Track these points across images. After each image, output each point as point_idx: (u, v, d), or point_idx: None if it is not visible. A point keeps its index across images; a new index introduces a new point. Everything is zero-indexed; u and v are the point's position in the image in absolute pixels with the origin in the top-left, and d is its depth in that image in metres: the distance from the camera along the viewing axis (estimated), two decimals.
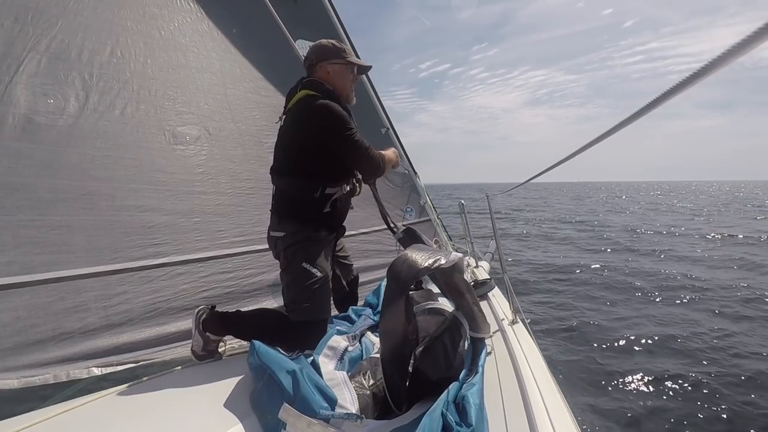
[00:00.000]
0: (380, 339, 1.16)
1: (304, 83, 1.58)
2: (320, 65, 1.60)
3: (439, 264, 1.22)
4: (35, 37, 1.72)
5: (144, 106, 2.00)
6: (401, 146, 3.13)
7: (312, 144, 1.49)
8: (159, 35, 2.13)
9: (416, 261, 1.19)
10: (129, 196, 1.87)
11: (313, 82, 1.57)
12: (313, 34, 2.65)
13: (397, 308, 1.13)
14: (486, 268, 2.65)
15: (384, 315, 1.14)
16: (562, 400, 1.06)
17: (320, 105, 1.48)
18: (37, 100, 1.69)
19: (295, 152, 1.53)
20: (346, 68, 1.62)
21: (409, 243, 1.83)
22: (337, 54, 1.60)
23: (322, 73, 1.60)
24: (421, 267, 1.17)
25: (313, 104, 1.48)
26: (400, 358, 1.11)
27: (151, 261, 1.87)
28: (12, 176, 1.60)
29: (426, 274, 1.24)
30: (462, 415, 0.95)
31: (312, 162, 1.51)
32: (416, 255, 1.22)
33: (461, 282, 1.29)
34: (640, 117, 0.67)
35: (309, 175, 1.52)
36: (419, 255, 1.22)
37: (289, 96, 1.62)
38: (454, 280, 1.27)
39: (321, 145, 1.49)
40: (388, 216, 1.85)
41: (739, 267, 7.21)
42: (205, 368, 1.50)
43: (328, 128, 1.48)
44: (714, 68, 0.47)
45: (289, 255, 1.53)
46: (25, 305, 1.54)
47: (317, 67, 1.61)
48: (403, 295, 1.16)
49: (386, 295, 1.16)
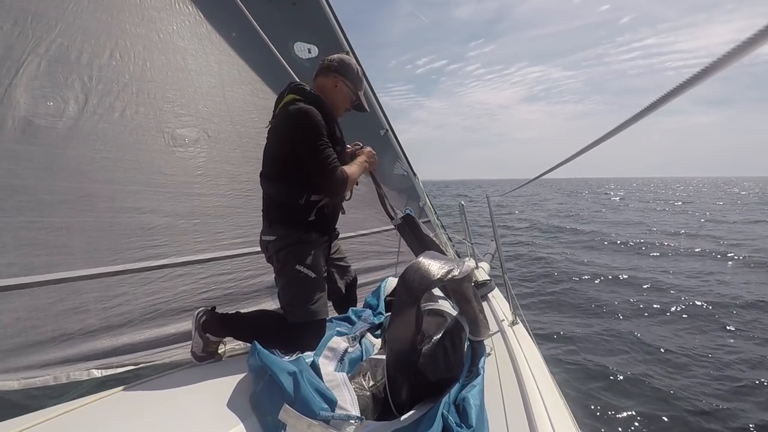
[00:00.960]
0: (387, 344, 1.15)
1: (291, 88, 1.58)
2: (336, 76, 1.62)
3: (453, 276, 1.19)
4: (35, 40, 1.73)
5: (143, 108, 2.01)
6: (400, 147, 3.13)
7: (296, 150, 1.48)
8: (158, 38, 2.14)
9: (429, 272, 1.16)
10: (128, 197, 1.88)
11: (301, 88, 1.56)
12: (311, 36, 2.66)
13: (408, 318, 1.12)
14: (486, 268, 2.65)
15: (393, 322, 1.13)
16: (562, 401, 1.06)
17: (299, 109, 1.47)
18: (37, 102, 1.70)
19: (281, 158, 1.53)
20: (351, 97, 1.67)
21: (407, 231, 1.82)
22: (355, 81, 1.66)
23: (332, 82, 1.62)
24: (434, 279, 1.15)
25: (294, 109, 1.48)
26: (406, 365, 1.11)
27: (151, 262, 1.87)
28: (12, 178, 1.60)
29: (438, 285, 1.23)
30: (462, 417, 0.95)
31: (297, 169, 1.50)
32: (429, 265, 1.19)
33: (469, 290, 1.28)
34: (646, 115, 0.66)
35: (294, 182, 1.52)
36: (433, 265, 1.19)
37: (277, 101, 1.62)
38: (463, 288, 1.26)
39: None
40: (387, 200, 1.83)
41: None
42: (205, 369, 1.50)
43: (302, 134, 1.46)
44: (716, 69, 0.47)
45: (282, 258, 1.54)
46: (25, 306, 1.54)
47: (332, 74, 1.62)
48: (414, 306, 1.14)
49: (397, 303, 1.15)
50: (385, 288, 2.06)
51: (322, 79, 1.63)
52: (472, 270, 1.34)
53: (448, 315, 1.40)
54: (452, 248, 3.14)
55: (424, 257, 1.22)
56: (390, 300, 1.96)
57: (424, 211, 3.24)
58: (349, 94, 1.65)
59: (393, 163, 3.16)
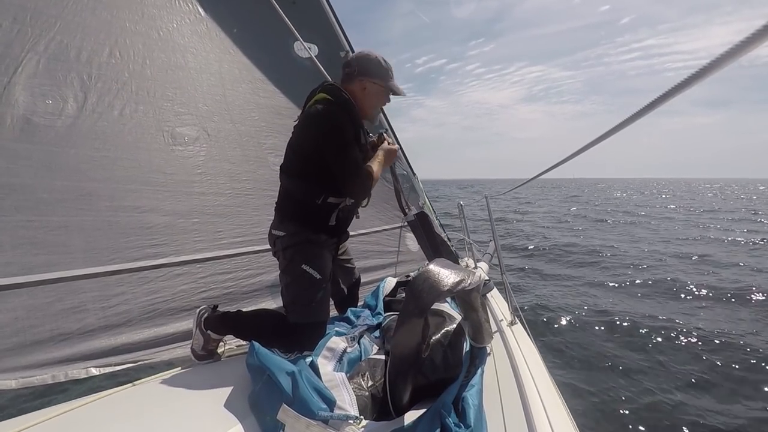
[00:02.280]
0: (391, 349, 1.14)
1: (324, 86, 1.54)
2: (359, 80, 1.55)
3: (463, 287, 1.15)
4: (34, 38, 1.72)
5: (143, 106, 2.00)
6: (399, 147, 3.12)
7: (320, 150, 1.45)
8: (158, 36, 2.13)
9: (439, 282, 1.10)
10: (127, 196, 1.87)
11: (334, 88, 1.52)
12: (311, 35, 2.65)
13: (414, 327, 1.11)
14: (485, 269, 2.66)
15: (399, 329, 1.11)
16: (561, 401, 1.06)
17: (323, 110, 1.44)
18: (36, 100, 1.69)
19: (303, 155, 1.50)
20: (384, 92, 1.59)
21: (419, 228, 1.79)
22: (381, 75, 1.56)
23: (358, 87, 1.55)
24: (444, 290, 1.10)
25: (316, 109, 1.45)
26: (409, 371, 1.11)
27: (150, 262, 1.87)
28: (10, 177, 1.59)
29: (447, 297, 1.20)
30: (461, 416, 0.95)
31: (318, 168, 1.47)
32: (439, 275, 1.13)
33: (477, 299, 1.27)
34: (645, 114, 0.66)
35: (314, 181, 1.49)
36: (442, 275, 1.13)
37: (308, 97, 1.57)
38: (471, 298, 1.25)
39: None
40: (403, 195, 1.79)
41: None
42: (204, 369, 1.50)
43: (325, 135, 1.44)
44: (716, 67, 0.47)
45: (288, 256, 1.53)
46: (24, 306, 1.54)
47: (356, 79, 1.55)
48: (422, 317, 1.12)
49: (404, 312, 1.11)
50: (383, 288, 2.06)
51: (348, 86, 1.56)
52: (482, 281, 1.32)
53: (447, 315, 1.40)
54: (451, 248, 3.14)
55: (434, 265, 1.17)
56: (389, 300, 1.96)
57: (423, 210, 3.24)
58: (380, 90, 1.58)
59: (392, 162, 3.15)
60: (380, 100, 1.62)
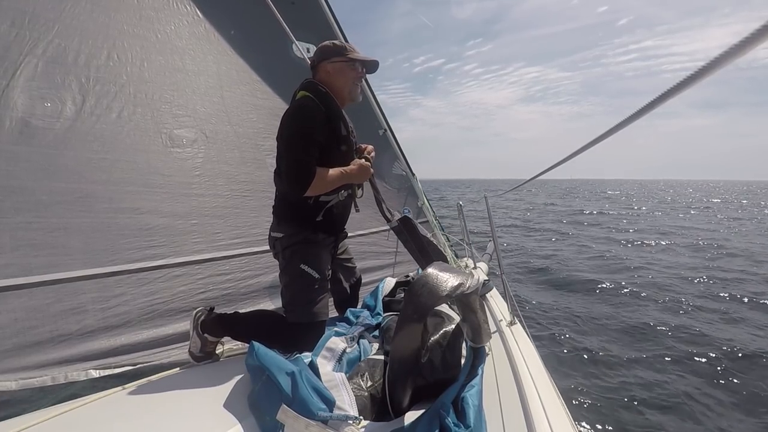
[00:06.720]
0: (390, 354, 1.14)
1: (302, 84, 1.58)
2: (320, 66, 1.57)
3: (462, 291, 1.14)
4: (32, 41, 1.72)
5: (141, 109, 2.01)
6: (399, 147, 3.13)
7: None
8: (155, 38, 2.13)
9: (438, 287, 1.09)
10: (126, 198, 1.88)
11: (311, 83, 1.56)
12: (310, 35, 2.65)
13: (413, 332, 1.11)
14: (484, 269, 2.66)
15: (398, 334, 1.11)
16: (560, 401, 1.06)
17: (295, 105, 1.48)
18: (34, 103, 1.69)
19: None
20: (347, 65, 1.57)
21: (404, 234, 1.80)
22: (336, 52, 1.56)
23: (322, 73, 1.58)
24: (443, 295, 1.09)
25: (292, 106, 1.49)
26: (408, 374, 1.11)
27: (149, 263, 1.87)
28: (9, 179, 1.60)
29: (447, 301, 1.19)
30: (460, 417, 0.96)
31: None
32: (439, 279, 1.11)
33: (476, 302, 1.27)
34: (643, 115, 0.66)
35: None
36: (442, 280, 1.12)
37: (292, 97, 1.60)
38: (470, 300, 1.25)
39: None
40: (384, 204, 1.80)
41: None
42: (204, 369, 1.50)
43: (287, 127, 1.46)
44: (713, 69, 0.47)
45: (287, 256, 1.54)
46: (23, 307, 1.54)
47: (318, 68, 1.58)
48: (421, 323, 1.12)
49: (403, 317, 1.11)
50: (383, 289, 2.07)
51: (317, 78, 1.59)
52: (481, 283, 1.31)
53: (446, 316, 1.40)
54: (450, 249, 3.14)
55: (433, 269, 1.15)
56: (388, 300, 1.96)
57: (422, 211, 3.25)
58: (343, 66, 1.56)
59: (392, 162, 3.16)
60: (348, 75, 1.58)
